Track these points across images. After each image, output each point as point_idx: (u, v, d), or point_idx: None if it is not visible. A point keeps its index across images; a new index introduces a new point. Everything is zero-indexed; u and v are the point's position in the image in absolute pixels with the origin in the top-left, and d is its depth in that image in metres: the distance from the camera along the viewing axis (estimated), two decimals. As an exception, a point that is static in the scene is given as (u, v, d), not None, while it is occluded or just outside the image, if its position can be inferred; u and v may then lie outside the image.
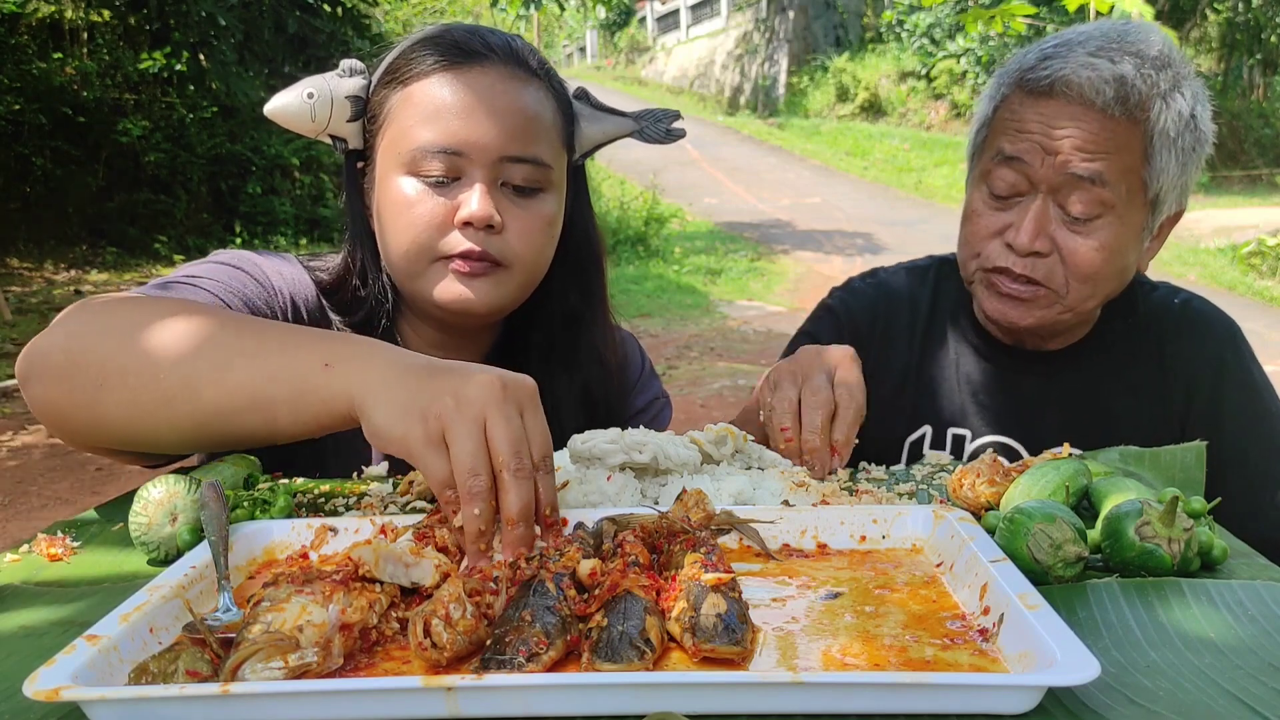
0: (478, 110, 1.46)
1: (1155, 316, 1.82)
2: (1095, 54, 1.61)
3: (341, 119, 1.53)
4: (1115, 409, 1.79)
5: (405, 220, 1.48)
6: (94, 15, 12.91)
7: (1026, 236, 1.63)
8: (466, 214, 1.45)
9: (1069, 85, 1.59)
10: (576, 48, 45.71)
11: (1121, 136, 1.60)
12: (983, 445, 1.82)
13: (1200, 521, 1.10)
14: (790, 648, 0.87)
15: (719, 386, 7.81)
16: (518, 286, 1.54)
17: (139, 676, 0.80)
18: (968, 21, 5.12)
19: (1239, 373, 1.79)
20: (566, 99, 1.59)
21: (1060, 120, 1.60)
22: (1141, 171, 1.62)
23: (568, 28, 43.22)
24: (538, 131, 1.50)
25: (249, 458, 1.40)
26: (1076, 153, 1.59)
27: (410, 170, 1.47)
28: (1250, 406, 1.78)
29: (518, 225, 1.50)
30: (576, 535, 1.07)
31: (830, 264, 13.72)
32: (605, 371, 1.72)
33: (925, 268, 2.00)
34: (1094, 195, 1.61)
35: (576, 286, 1.68)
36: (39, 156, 12.33)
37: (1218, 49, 21.74)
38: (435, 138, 1.45)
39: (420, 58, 1.50)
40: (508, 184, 1.50)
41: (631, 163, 19.04)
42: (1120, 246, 1.66)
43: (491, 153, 1.46)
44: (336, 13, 13.42)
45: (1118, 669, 0.84)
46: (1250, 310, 10.28)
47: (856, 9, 27.67)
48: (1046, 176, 1.62)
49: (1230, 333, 1.82)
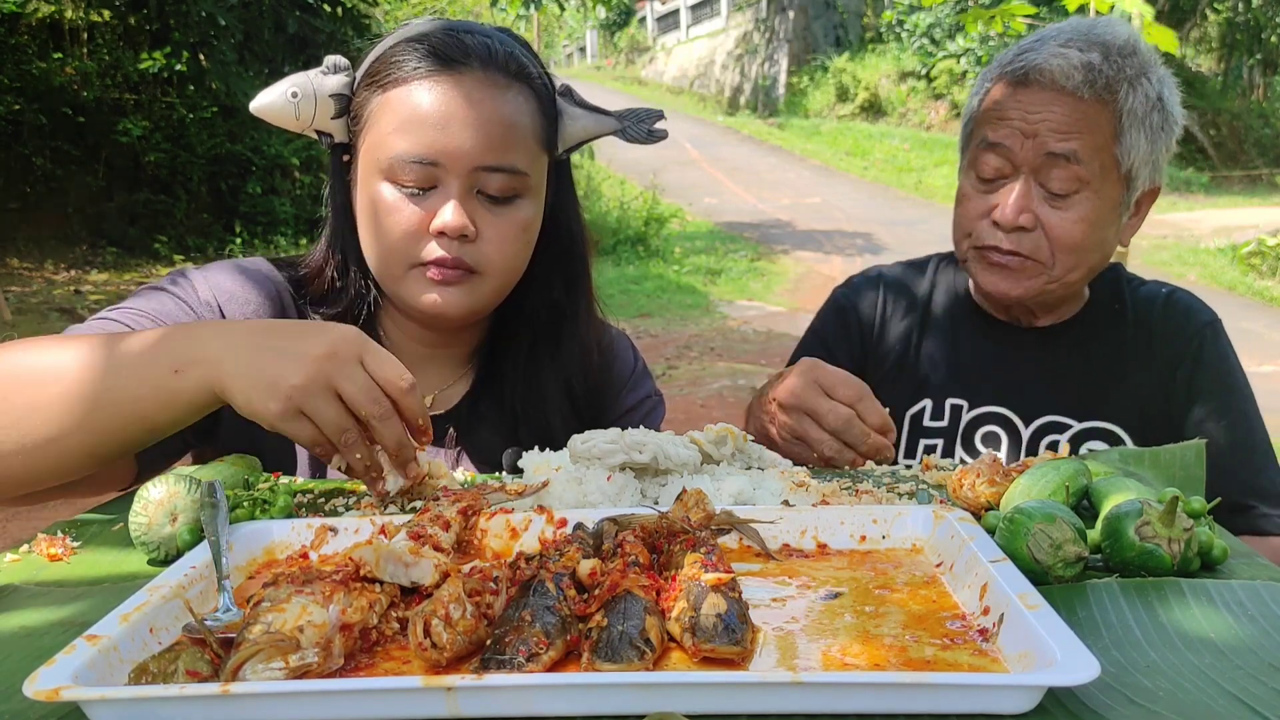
0: (454, 120, 1.47)
1: (1143, 307, 1.96)
2: (1065, 45, 1.77)
3: (326, 116, 1.55)
4: (1103, 380, 1.91)
5: (382, 227, 1.50)
6: (94, 15, 12.91)
7: (1011, 213, 1.78)
8: (440, 224, 1.48)
9: (1042, 73, 1.76)
10: (576, 48, 45.72)
11: (1092, 117, 1.75)
12: (979, 415, 1.93)
13: (1200, 521, 1.10)
14: (790, 648, 0.87)
15: (719, 386, 7.80)
16: (491, 292, 1.56)
17: (139, 676, 0.80)
18: (968, 21, 5.12)
19: (1215, 349, 1.92)
20: (548, 97, 1.59)
21: (1036, 105, 1.76)
22: (1114, 149, 1.77)
23: (568, 28, 43.23)
24: (514, 139, 1.51)
25: (249, 458, 1.40)
26: (1052, 134, 1.75)
27: (388, 177, 1.49)
28: (1222, 382, 1.91)
29: (492, 233, 1.51)
30: (576, 535, 1.07)
31: (830, 264, 13.72)
32: (589, 364, 1.73)
33: (924, 261, 2.15)
34: (1070, 172, 1.76)
35: (561, 280, 1.69)
36: (39, 156, 12.32)
37: (1218, 49, 21.75)
38: (411, 148, 1.47)
39: (399, 62, 1.51)
40: (483, 192, 1.51)
41: (631, 163, 19.04)
42: (1098, 219, 1.80)
43: (467, 163, 1.47)
44: (336, 13, 13.42)
45: (1118, 669, 0.84)
46: (1250, 310, 10.29)
47: (856, 9, 27.67)
48: (1027, 158, 1.77)
49: (1210, 318, 1.95)
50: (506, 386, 1.68)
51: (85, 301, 10.32)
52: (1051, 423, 1.89)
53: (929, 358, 2.02)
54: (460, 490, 1.18)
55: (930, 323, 2.05)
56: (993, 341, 1.98)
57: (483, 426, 1.67)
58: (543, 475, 1.29)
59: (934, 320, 2.05)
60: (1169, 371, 1.90)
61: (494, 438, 1.66)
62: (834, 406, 1.52)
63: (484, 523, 1.14)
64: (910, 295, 2.08)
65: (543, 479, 1.27)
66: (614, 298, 11.91)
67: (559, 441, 1.58)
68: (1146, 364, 1.91)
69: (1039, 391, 1.91)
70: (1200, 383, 1.89)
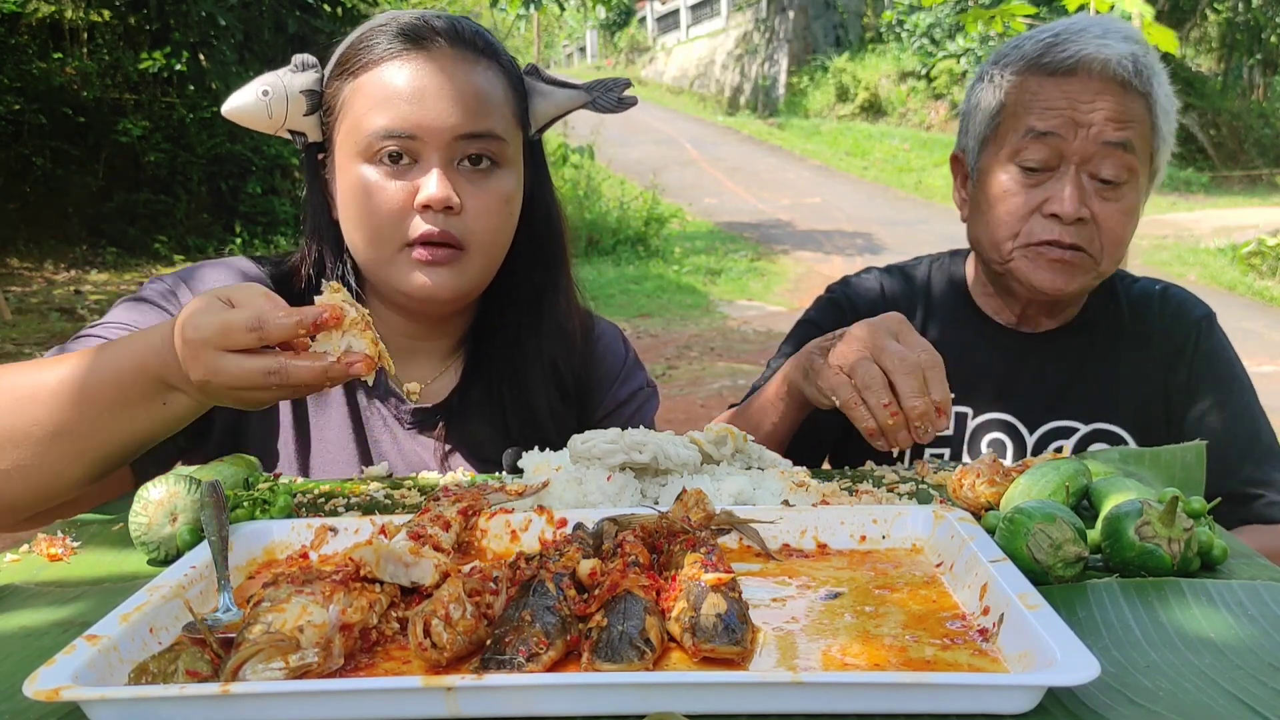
0: (428, 92, 1.48)
1: (1138, 304, 1.96)
2: (1103, 37, 1.76)
3: (298, 114, 1.55)
4: (1105, 383, 1.90)
5: (366, 208, 1.50)
6: (94, 15, 12.90)
7: (1072, 205, 1.73)
8: (425, 197, 1.48)
9: (1093, 62, 1.73)
10: (576, 48, 45.71)
11: (1138, 108, 1.75)
12: (984, 422, 1.91)
13: (1200, 521, 1.10)
14: (790, 648, 0.87)
15: (719, 386, 7.80)
16: (479, 270, 1.56)
17: (139, 676, 0.80)
18: (968, 21, 5.13)
19: (1212, 343, 1.92)
20: (518, 76, 1.61)
21: (1086, 95, 1.73)
22: (1151, 140, 1.79)
23: (568, 28, 43.23)
24: (489, 107, 1.52)
25: (249, 458, 1.40)
26: (1108, 123, 1.73)
27: (367, 158, 1.50)
28: (1217, 373, 1.90)
29: (476, 205, 1.52)
30: (576, 535, 1.07)
31: (830, 264, 13.71)
32: (571, 343, 1.73)
33: (916, 264, 2.11)
34: (1124, 161, 1.74)
35: (540, 261, 1.69)
36: (39, 156, 12.32)
37: (1218, 49, 21.76)
38: (388, 123, 1.47)
39: (369, 47, 1.52)
40: (464, 163, 1.52)
41: (631, 163, 19.04)
42: (1137, 209, 1.81)
43: (445, 133, 1.48)
44: (336, 13, 13.42)
45: (1118, 669, 0.84)
46: (1250, 310, 10.29)
47: (856, 9, 27.67)
48: (1080, 148, 1.74)
49: (1205, 312, 1.95)
50: (494, 371, 1.68)
51: (85, 301, 10.32)
52: (1057, 428, 1.88)
53: None
54: (460, 490, 1.18)
55: (930, 328, 2.01)
56: (996, 347, 1.95)
57: (473, 417, 1.67)
58: (543, 475, 1.29)
59: (933, 325, 2.01)
60: (1167, 368, 1.89)
61: (485, 429, 1.66)
62: (904, 351, 1.39)
63: (484, 523, 1.14)
64: (909, 298, 2.04)
65: (543, 479, 1.27)
66: (614, 298, 11.90)
67: (546, 429, 1.58)
68: (1145, 362, 1.90)
69: (1043, 397, 1.89)
70: (1199, 376, 1.88)
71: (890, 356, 1.39)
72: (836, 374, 1.44)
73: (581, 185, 15.67)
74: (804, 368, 1.55)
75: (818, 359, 1.51)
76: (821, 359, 1.49)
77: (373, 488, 1.40)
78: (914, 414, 1.35)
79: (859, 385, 1.40)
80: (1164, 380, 1.89)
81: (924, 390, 1.36)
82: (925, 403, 1.35)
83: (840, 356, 1.45)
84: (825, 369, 1.47)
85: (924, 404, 1.35)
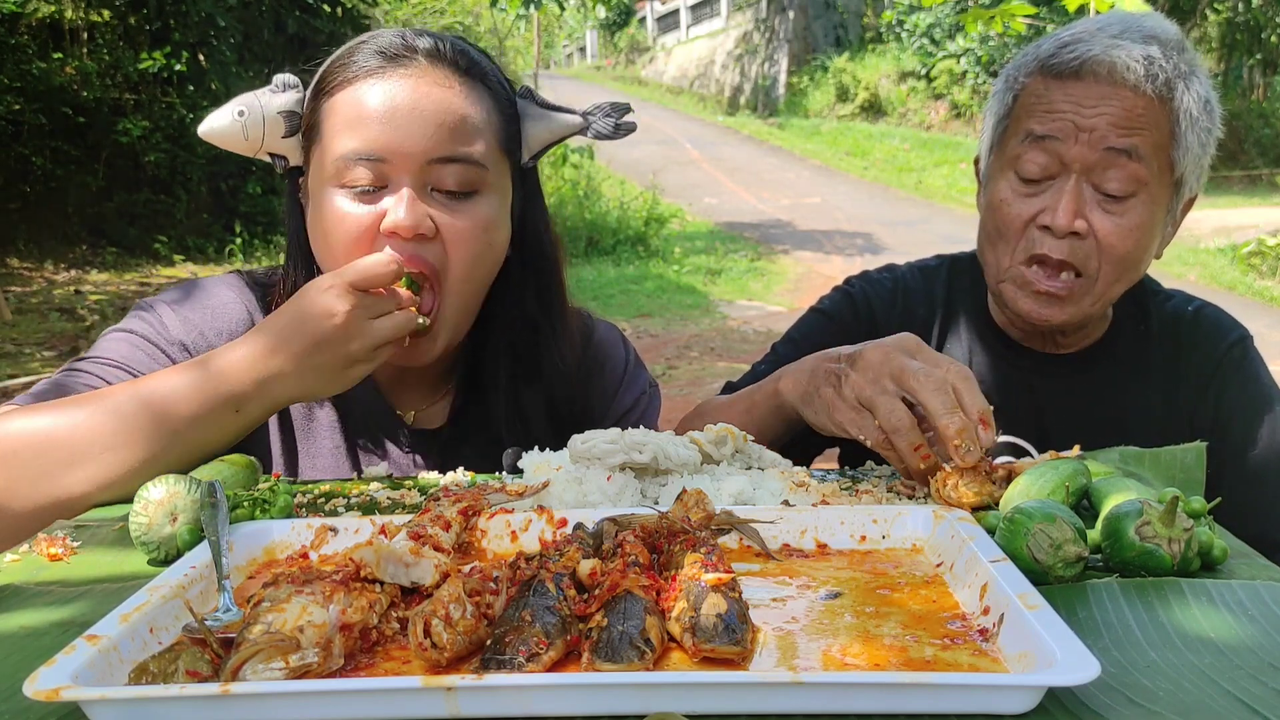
0: (399, 113, 1.39)
1: (1169, 325, 1.83)
2: (1118, 37, 1.62)
3: (276, 136, 1.48)
4: (1127, 412, 1.78)
5: (333, 237, 1.42)
6: (94, 15, 12.90)
7: (1066, 216, 1.60)
8: (391, 223, 1.38)
9: (1099, 64, 1.60)
10: (576, 48, 45.71)
11: (1152, 114, 1.61)
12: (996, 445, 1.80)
13: (1200, 521, 1.10)
14: (790, 648, 0.87)
15: (719, 386, 7.77)
16: (454, 311, 1.47)
17: (139, 676, 0.80)
18: (968, 21, 5.13)
19: (1246, 369, 1.79)
20: (508, 98, 1.52)
21: (1091, 99, 1.61)
22: (1170, 150, 1.63)
23: (568, 28, 43.21)
24: (468, 131, 1.43)
25: (249, 458, 1.40)
26: (1112, 129, 1.59)
27: (336, 182, 1.42)
28: (1254, 404, 1.77)
29: (452, 231, 1.42)
30: (576, 535, 1.07)
31: (830, 264, 13.71)
32: (570, 381, 1.66)
33: (936, 267, 1.98)
34: (1130, 171, 1.60)
35: (534, 291, 1.61)
36: (39, 156, 12.31)
37: (1218, 49, 21.73)
38: (357, 145, 1.39)
39: (345, 65, 1.45)
40: (439, 189, 1.43)
41: (631, 163, 19.04)
42: (1150, 227, 1.65)
43: (417, 157, 1.40)
44: (336, 13, 13.43)
45: (1118, 669, 0.84)
46: (1250, 310, 10.27)
47: (856, 9, 27.66)
48: (1080, 155, 1.61)
49: (1240, 336, 1.82)
50: (490, 412, 1.62)
51: (85, 301, 10.32)
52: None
53: None
54: (461, 491, 1.18)
55: (946, 342, 1.87)
56: (1015, 369, 1.82)
57: (466, 448, 1.61)
58: (543, 475, 1.29)
59: (950, 339, 1.87)
60: (1195, 401, 1.77)
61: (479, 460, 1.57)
62: (927, 369, 1.27)
63: (484, 523, 1.14)
64: (927, 309, 1.90)
65: (543, 479, 1.27)
66: (614, 298, 11.90)
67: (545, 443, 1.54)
68: (1172, 394, 1.78)
69: (1058, 422, 1.77)
70: (1231, 405, 1.76)
71: (913, 376, 1.26)
72: (857, 411, 1.33)
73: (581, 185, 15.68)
74: (807, 393, 1.43)
75: (826, 389, 1.38)
76: (831, 390, 1.37)
77: (373, 488, 1.40)
78: (950, 432, 1.21)
79: (885, 428, 1.29)
80: (1191, 409, 1.76)
81: (957, 406, 1.23)
82: (961, 418, 1.22)
83: (857, 389, 1.33)
84: (840, 405, 1.35)
85: (960, 420, 1.22)
